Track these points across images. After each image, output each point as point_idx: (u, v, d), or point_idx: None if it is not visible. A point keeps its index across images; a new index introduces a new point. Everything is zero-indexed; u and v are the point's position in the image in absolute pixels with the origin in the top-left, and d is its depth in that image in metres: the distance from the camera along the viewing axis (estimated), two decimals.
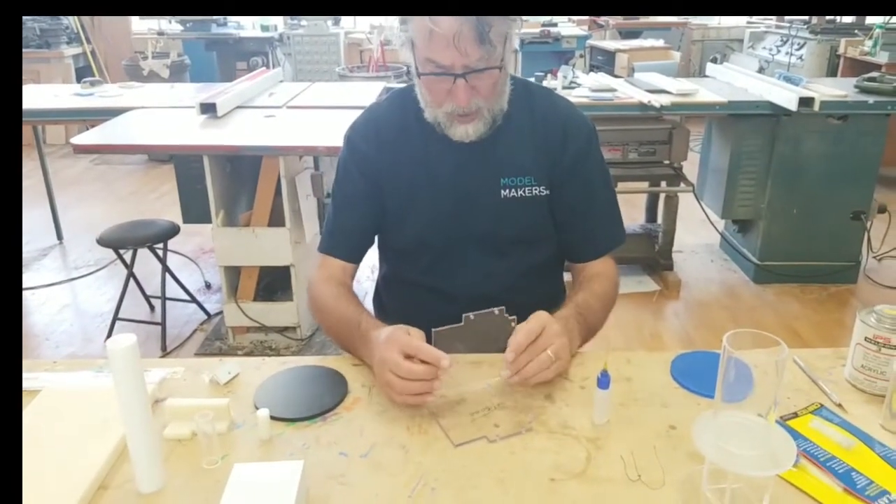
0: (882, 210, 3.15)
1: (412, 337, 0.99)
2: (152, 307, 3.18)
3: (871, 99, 3.00)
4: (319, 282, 1.25)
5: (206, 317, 3.10)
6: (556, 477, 0.86)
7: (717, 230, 3.46)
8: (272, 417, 0.97)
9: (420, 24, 1.04)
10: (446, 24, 1.02)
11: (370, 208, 1.25)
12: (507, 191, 1.20)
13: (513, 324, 1.03)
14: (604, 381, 0.94)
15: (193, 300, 3.13)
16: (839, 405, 0.98)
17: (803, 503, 0.81)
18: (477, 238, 1.23)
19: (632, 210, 3.94)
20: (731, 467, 0.75)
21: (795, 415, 0.96)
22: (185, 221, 3.27)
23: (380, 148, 1.23)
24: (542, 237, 1.26)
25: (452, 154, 1.19)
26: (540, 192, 1.21)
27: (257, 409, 0.98)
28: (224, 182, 2.70)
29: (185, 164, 3.26)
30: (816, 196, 3.12)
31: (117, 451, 0.92)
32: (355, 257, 1.29)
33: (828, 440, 0.90)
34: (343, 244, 1.27)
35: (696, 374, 1.06)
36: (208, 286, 3.39)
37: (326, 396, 1.02)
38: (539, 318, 1.01)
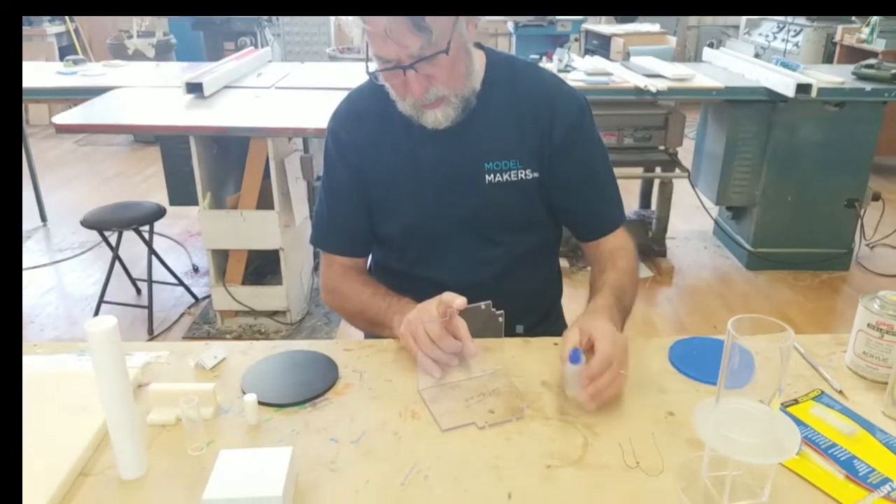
0: (876, 198, 3.14)
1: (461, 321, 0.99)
2: (139, 290, 3.14)
3: (868, 86, 2.98)
4: (334, 279, 1.24)
5: (193, 300, 3.06)
6: (553, 464, 0.84)
7: (710, 216, 3.45)
8: (260, 403, 0.94)
9: (355, 22, 1.01)
10: (375, 19, 0.98)
11: (360, 201, 1.22)
12: (492, 175, 1.16)
13: (500, 318, 1.00)
14: (575, 356, 0.92)
15: (180, 283, 3.09)
16: (840, 392, 0.97)
17: (805, 491, 0.79)
18: (463, 226, 1.20)
19: (626, 196, 3.86)
20: (733, 455, 0.73)
21: (796, 401, 0.94)
22: (171, 204, 3.23)
23: (361, 137, 1.19)
24: (532, 223, 1.22)
25: (434, 140, 1.14)
26: (526, 175, 1.16)
27: (245, 394, 0.95)
28: (211, 164, 2.66)
29: (171, 145, 3.21)
30: (811, 183, 3.12)
31: (98, 437, 0.89)
32: (360, 251, 1.27)
33: (829, 427, 0.88)
34: (343, 240, 1.25)
35: (695, 360, 1.04)
36: (196, 269, 3.35)
37: (316, 381, 0.99)
38: (611, 339, 0.93)
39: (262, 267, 2.86)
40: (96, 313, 2.90)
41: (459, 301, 0.96)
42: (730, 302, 3.06)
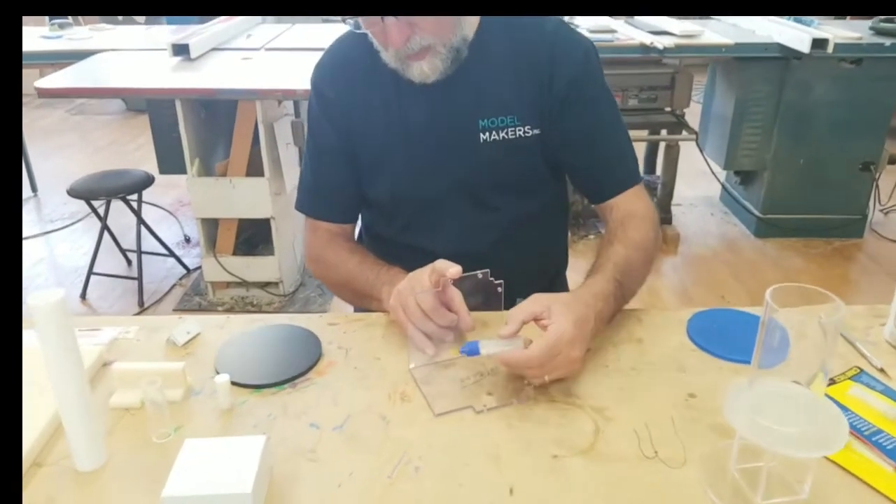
0: (892, 161, 3.01)
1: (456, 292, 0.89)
2: (129, 261, 3.06)
3: (887, 41, 2.83)
4: (319, 247, 1.14)
5: (185, 271, 2.98)
6: (560, 454, 0.75)
7: (718, 181, 3.33)
8: (234, 384, 0.85)
9: None
10: None
11: (346, 162, 1.11)
12: (487, 134, 1.05)
13: (499, 289, 0.90)
14: (471, 349, 0.83)
15: (171, 254, 3.00)
16: (881, 370, 0.87)
17: (849, 485, 0.70)
18: (457, 189, 1.09)
19: None
20: (772, 447, 0.63)
21: (832, 381, 0.84)
22: (161, 172, 3.14)
23: (347, 93, 1.08)
24: (534, 184, 1.11)
25: (422, 96, 1.03)
26: (525, 132, 1.05)
27: (218, 374, 0.85)
28: (199, 129, 2.55)
29: (159, 111, 3.10)
30: (825, 145, 2.99)
31: (54, 424, 0.80)
32: (347, 217, 1.17)
33: (871, 410, 0.79)
34: (328, 205, 1.15)
35: (716, 334, 0.94)
36: (188, 240, 3.26)
37: (297, 360, 0.90)
38: (552, 344, 0.80)
39: (254, 237, 2.76)
40: (85, 285, 2.83)
41: (454, 269, 0.86)
42: (738, 271, 2.96)
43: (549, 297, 0.87)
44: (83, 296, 2.81)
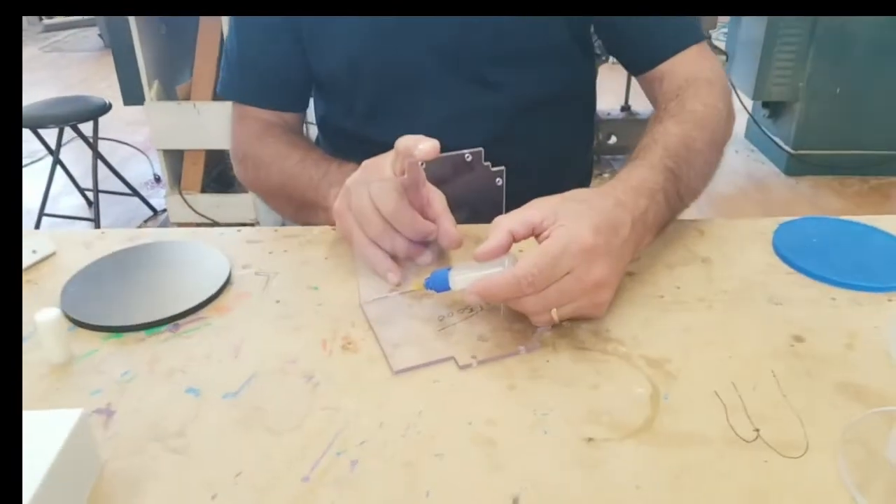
0: None
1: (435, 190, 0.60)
2: (89, 202, 2.77)
3: None
4: (248, 141, 0.84)
5: (151, 213, 2.70)
6: (596, 435, 0.45)
7: (747, 111, 3.01)
8: (81, 325, 0.55)
9: None
10: None
11: (288, 26, 0.81)
12: None
13: (499, 181, 0.59)
14: (438, 280, 0.55)
15: (135, 193, 2.71)
16: None
17: None
18: (441, 59, 0.79)
19: None
20: None
21: None
22: (125, 103, 2.82)
23: None
24: (548, 53, 0.81)
25: None
26: None
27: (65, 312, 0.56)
28: (159, 47, 2.25)
29: (120, 31, 2.78)
30: (865, 72, 2.68)
31: None
32: (287, 100, 0.86)
33: None
34: (259, 83, 0.85)
35: (817, 251, 0.63)
36: (157, 179, 2.99)
37: (187, 290, 0.59)
38: (567, 241, 0.50)
39: (226, 173, 2.47)
40: (36, 227, 2.54)
41: (426, 145, 0.55)
42: (771, 210, 2.67)
43: (558, 199, 0.56)
44: None
